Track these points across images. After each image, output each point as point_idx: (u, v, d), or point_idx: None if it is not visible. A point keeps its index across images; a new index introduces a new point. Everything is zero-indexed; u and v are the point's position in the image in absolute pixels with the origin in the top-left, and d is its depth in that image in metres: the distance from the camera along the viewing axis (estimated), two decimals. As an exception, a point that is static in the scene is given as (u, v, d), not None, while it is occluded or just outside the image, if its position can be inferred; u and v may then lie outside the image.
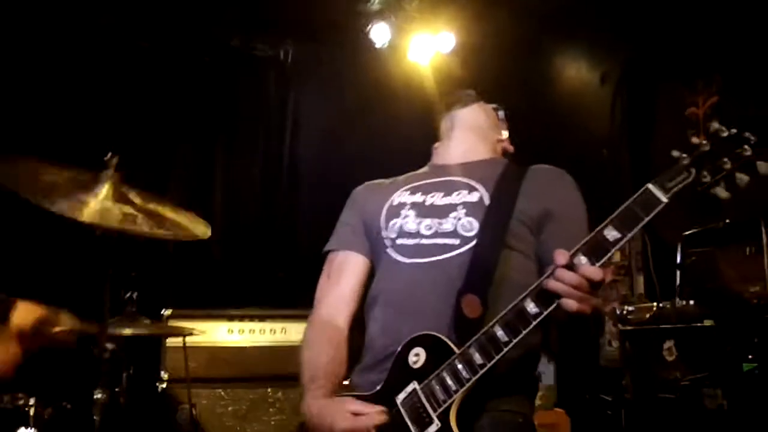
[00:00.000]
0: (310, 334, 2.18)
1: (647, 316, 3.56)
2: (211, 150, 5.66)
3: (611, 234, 1.71)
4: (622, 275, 4.65)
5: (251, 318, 4.31)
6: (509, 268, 2.03)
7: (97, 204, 2.33)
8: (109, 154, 2.44)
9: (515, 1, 5.43)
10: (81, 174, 2.47)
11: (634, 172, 4.86)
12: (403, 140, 2.19)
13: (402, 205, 2.19)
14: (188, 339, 3.96)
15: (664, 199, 1.69)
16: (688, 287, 3.70)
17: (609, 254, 1.72)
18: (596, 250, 1.71)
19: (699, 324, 3.25)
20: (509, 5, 5.44)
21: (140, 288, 3.35)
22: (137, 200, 2.48)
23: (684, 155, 1.70)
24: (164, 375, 4.06)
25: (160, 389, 4.04)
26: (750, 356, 3.04)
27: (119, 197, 2.42)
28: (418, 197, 2.20)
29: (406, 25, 5.74)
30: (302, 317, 2.42)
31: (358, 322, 2.24)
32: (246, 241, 5.47)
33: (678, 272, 3.82)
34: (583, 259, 1.70)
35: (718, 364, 3.14)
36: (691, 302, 3.37)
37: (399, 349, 1.94)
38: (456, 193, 2.16)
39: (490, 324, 1.80)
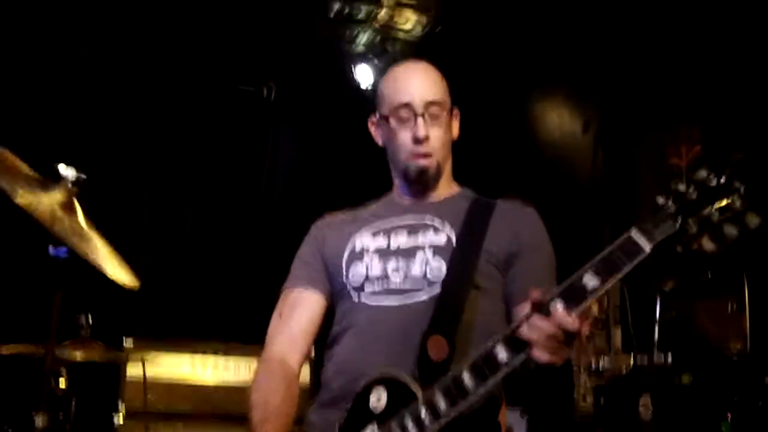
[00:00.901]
0: (261, 374, 2.08)
1: (623, 370, 3.45)
2: (186, 179, 5.58)
3: (591, 282, 1.60)
4: (600, 329, 4.53)
5: (216, 353, 4.16)
6: (478, 310, 1.94)
7: (50, 205, 2.26)
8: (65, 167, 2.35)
9: (498, 50, 5.45)
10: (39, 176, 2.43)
11: (614, 221, 4.79)
12: (386, 180, 2.15)
13: (365, 251, 2.09)
14: (150, 372, 3.83)
15: (647, 249, 1.57)
16: (666, 342, 3.60)
17: (586, 302, 1.60)
18: (574, 297, 1.60)
19: (677, 380, 3.14)
20: (492, 53, 5.45)
21: (101, 316, 3.22)
22: (81, 221, 2.40)
23: (669, 203, 1.58)
24: (121, 407, 3.89)
25: (116, 422, 3.87)
26: (728, 415, 2.93)
27: (68, 209, 2.33)
28: (380, 240, 2.10)
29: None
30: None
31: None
32: (215, 273, 5.36)
33: (656, 326, 3.72)
34: (559, 306, 1.59)
35: (696, 422, 3.02)
36: (669, 357, 3.26)
37: (360, 388, 1.82)
38: (422, 234, 2.06)
39: (458, 368, 1.69)
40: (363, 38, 5.90)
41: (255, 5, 5.40)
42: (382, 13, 5.59)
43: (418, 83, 2.14)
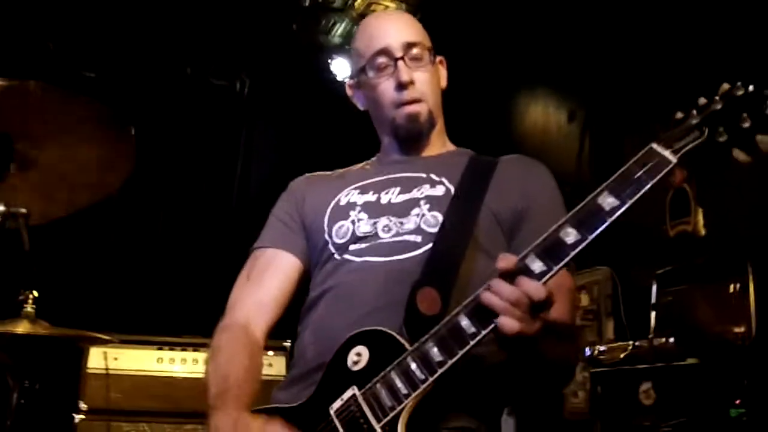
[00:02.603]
0: (221, 341, 1.79)
1: (621, 356, 3.22)
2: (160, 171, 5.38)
3: (606, 200, 1.43)
4: (590, 320, 4.32)
5: (184, 347, 3.89)
6: (476, 266, 1.69)
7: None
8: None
9: (481, 39, 5.28)
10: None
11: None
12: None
13: (351, 206, 1.85)
14: (112, 366, 3.63)
15: (674, 160, 1.38)
16: (663, 329, 3.38)
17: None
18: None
19: (681, 363, 2.91)
20: (475, 42, 5.28)
21: (61, 311, 2.97)
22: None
23: (693, 113, 1.40)
24: (83, 405, 3.64)
25: (77, 420, 3.61)
26: (737, 401, 2.71)
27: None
28: (370, 196, 1.86)
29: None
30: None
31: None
32: (186, 266, 5.13)
33: (653, 313, 3.51)
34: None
35: (702, 408, 2.80)
36: (671, 340, 3.04)
37: (336, 349, 1.58)
38: (417, 188, 1.83)
39: (454, 313, 1.45)
40: (339, 28, 5.70)
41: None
42: (360, 1, 5.39)
43: (392, 26, 1.96)
